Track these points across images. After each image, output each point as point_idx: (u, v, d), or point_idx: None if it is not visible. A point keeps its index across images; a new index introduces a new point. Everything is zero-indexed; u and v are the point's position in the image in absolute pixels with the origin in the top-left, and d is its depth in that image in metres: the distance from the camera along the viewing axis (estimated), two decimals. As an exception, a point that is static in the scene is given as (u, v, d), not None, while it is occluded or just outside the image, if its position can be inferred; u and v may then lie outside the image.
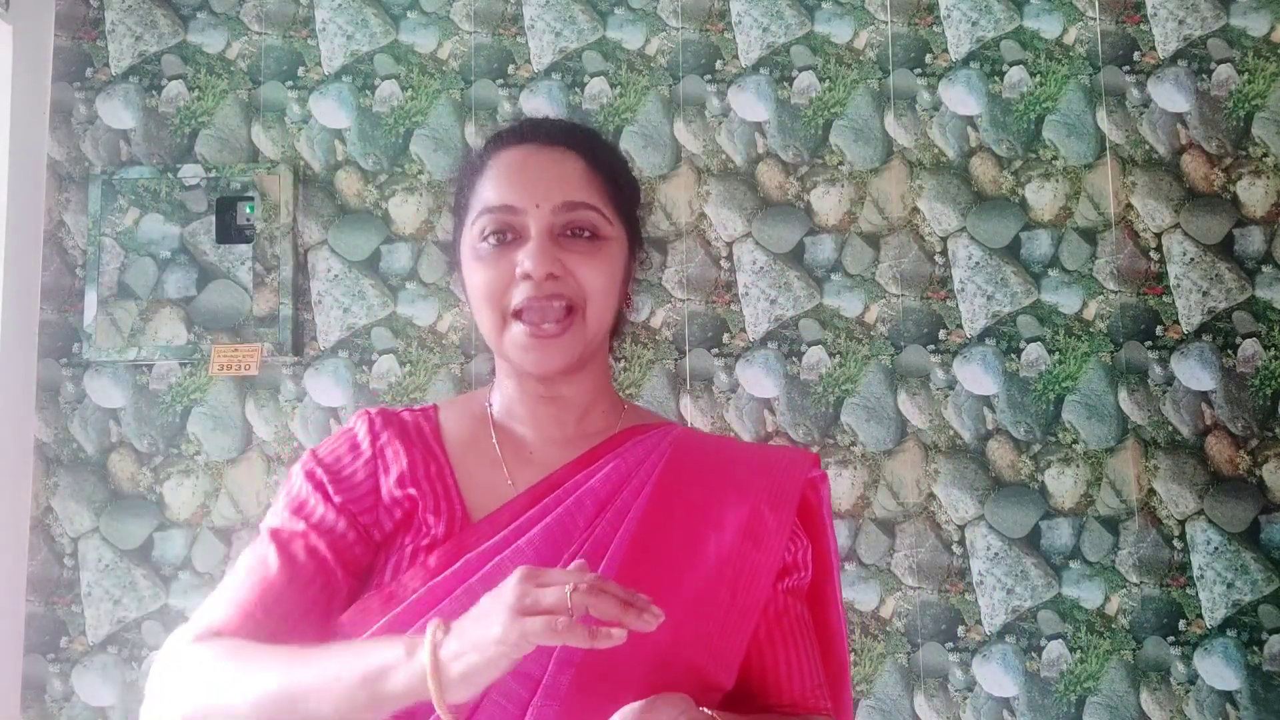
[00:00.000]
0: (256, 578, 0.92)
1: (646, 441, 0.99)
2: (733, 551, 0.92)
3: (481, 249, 0.95)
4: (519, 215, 0.93)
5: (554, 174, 0.95)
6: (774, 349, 1.89)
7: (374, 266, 1.92)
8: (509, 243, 0.94)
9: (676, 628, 0.87)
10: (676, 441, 1.00)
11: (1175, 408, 1.86)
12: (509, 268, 0.93)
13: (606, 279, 0.96)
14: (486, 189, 0.96)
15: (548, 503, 0.93)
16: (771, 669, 0.94)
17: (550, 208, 0.93)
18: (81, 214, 1.92)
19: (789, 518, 0.95)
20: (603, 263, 0.95)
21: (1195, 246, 1.89)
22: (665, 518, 0.93)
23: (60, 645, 1.83)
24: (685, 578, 0.90)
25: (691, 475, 0.97)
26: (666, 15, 1.97)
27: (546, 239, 0.93)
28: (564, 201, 0.94)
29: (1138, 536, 1.83)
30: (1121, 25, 1.95)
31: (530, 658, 0.85)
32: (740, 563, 0.91)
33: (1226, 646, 1.79)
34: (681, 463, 0.97)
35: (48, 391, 1.89)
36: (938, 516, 1.85)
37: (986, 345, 1.88)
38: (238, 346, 1.86)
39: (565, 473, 0.96)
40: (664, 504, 0.94)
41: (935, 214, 1.92)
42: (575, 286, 0.94)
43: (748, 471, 0.98)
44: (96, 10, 1.99)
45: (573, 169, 0.96)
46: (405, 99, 1.96)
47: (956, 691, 1.80)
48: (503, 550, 0.90)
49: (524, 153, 0.97)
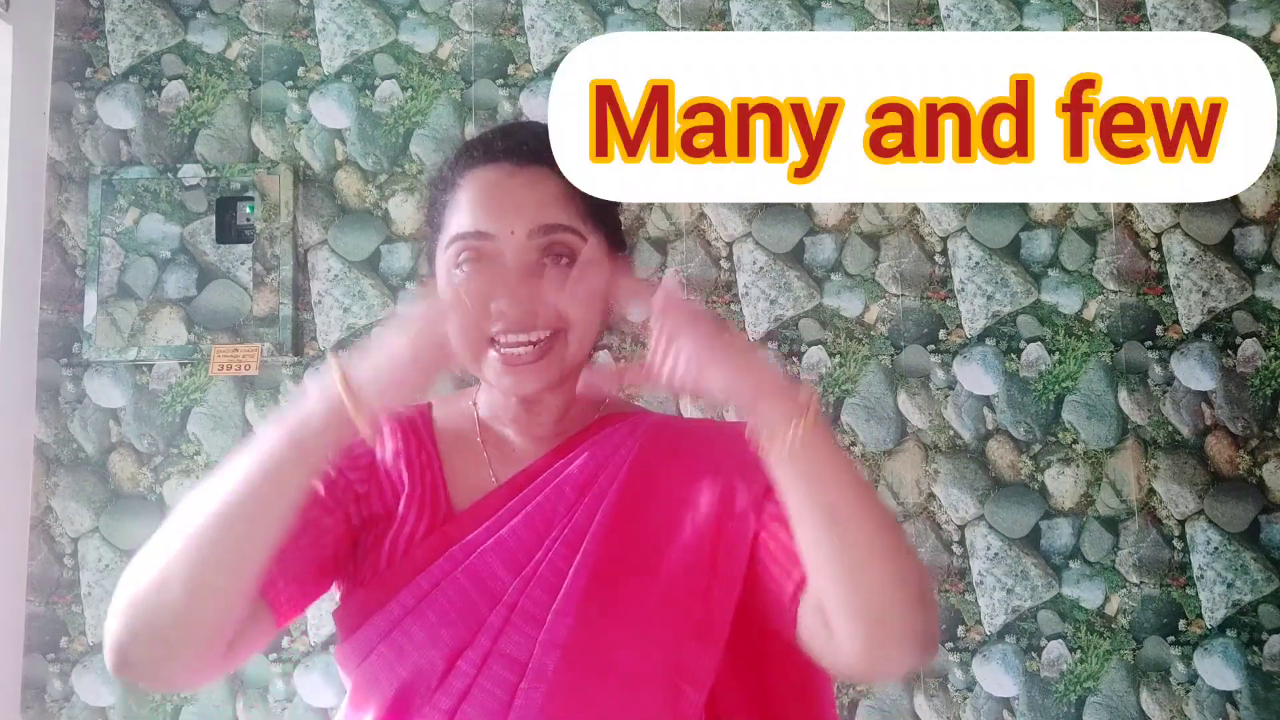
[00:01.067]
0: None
1: (622, 427, 1.00)
2: (709, 527, 0.92)
3: (456, 276, 0.93)
4: (493, 242, 0.91)
5: (529, 197, 0.92)
6: (775, 349, 1.89)
7: (374, 266, 1.92)
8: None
9: (660, 607, 0.89)
10: (651, 425, 1.01)
11: (1175, 408, 1.86)
12: (484, 297, 0.91)
13: (588, 306, 0.93)
14: (459, 212, 0.93)
15: (527, 492, 0.94)
16: (777, 559, 0.90)
17: (525, 233, 0.90)
18: (81, 214, 1.92)
19: (763, 485, 0.92)
20: (582, 289, 0.92)
21: (1195, 246, 1.89)
22: (643, 499, 0.94)
23: (60, 645, 1.83)
24: (665, 556, 0.91)
25: (666, 456, 0.97)
26: (667, 15, 1.97)
27: (522, 272, 0.90)
28: (539, 225, 0.91)
29: (1138, 536, 1.83)
30: (1122, 26, 1.95)
31: (515, 642, 0.87)
32: (718, 538, 0.92)
33: (1226, 646, 1.79)
34: (656, 444, 0.98)
35: (48, 391, 1.89)
36: (938, 516, 1.85)
37: (986, 345, 1.88)
38: (238, 346, 1.86)
39: (543, 462, 0.97)
40: (641, 485, 0.94)
41: (935, 214, 1.92)
42: (555, 316, 0.91)
43: (722, 448, 0.97)
44: (96, 10, 1.99)
45: (548, 190, 0.92)
46: (405, 99, 1.96)
47: (956, 691, 1.80)
48: (485, 541, 0.91)
49: (497, 174, 0.94)
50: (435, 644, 0.88)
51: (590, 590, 0.88)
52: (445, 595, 0.89)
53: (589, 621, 0.88)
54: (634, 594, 0.89)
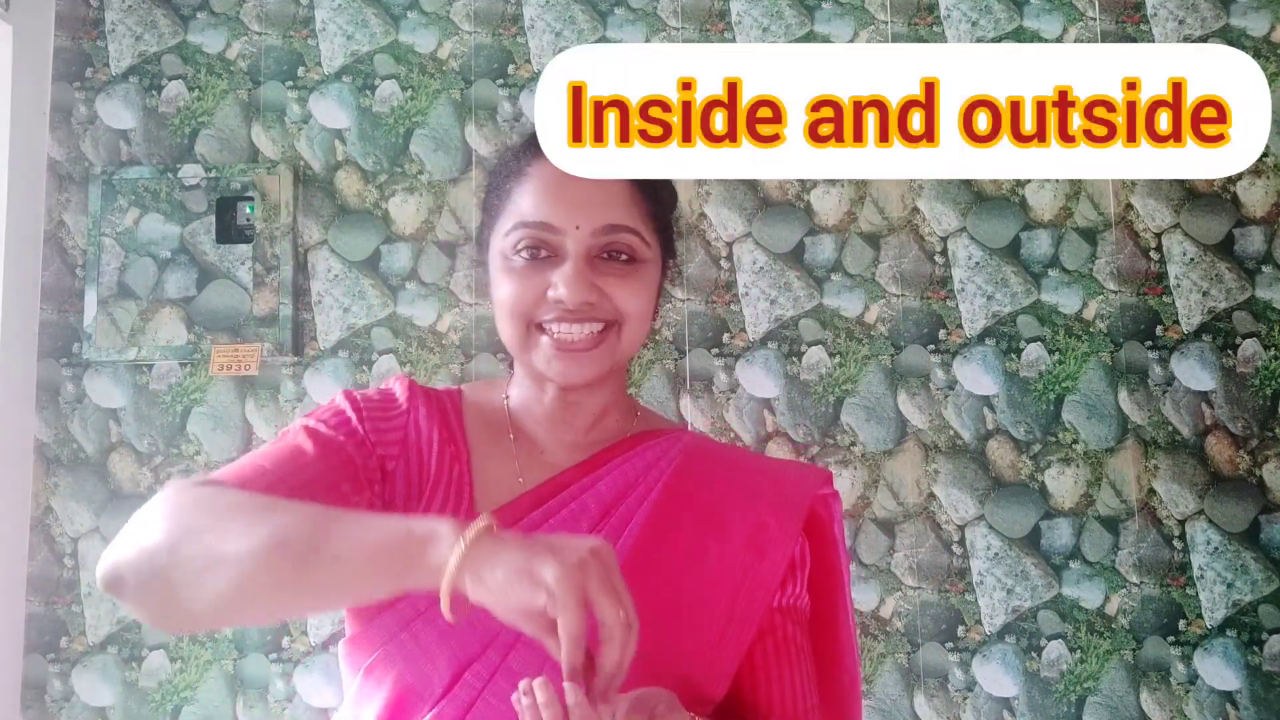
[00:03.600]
0: (281, 447, 0.90)
1: (656, 447, 0.98)
2: (735, 562, 0.91)
3: (514, 261, 0.93)
4: (557, 234, 0.91)
5: (596, 195, 0.92)
6: (774, 349, 1.89)
7: (374, 266, 1.92)
8: (543, 259, 0.92)
9: (673, 636, 0.87)
10: (687, 448, 0.99)
11: (1175, 408, 1.86)
12: (542, 285, 0.91)
13: (644, 302, 0.94)
14: (524, 200, 0.93)
15: (551, 505, 0.93)
16: (764, 688, 0.93)
17: (590, 230, 0.90)
18: (81, 214, 1.92)
19: (795, 532, 0.94)
20: (639, 285, 0.93)
21: (1195, 246, 1.89)
22: (669, 524, 0.92)
23: (60, 645, 1.83)
24: (685, 586, 0.90)
25: (699, 483, 0.96)
26: (667, 15, 1.97)
27: (583, 263, 0.90)
28: (605, 225, 0.91)
29: (1138, 536, 1.83)
30: (1121, 25, 1.95)
31: (525, 659, 0.85)
32: (741, 574, 0.91)
33: (1226, 646, 1.79)
34: (690, 470, 0.96)
35: (48, 391, 1.89)
36: (938, 516, 1.85)
37: (986, 345, 1.88)
38: (238, 346, 1.86)
39: (572, 474, 0.95)
40: (669, 510, 0.93)
41: (935, 214, 1.92)
42: (611, 309, 0.92)
43: (756, 483, 0.97)
44: (96, 10, 1.99)
45: (616, 188, 0.93)
46: (405, 99, 1.96)
47: (956, 691, 1.80)
48: None
49: None
50: (443, 651, 0.87)
51: None
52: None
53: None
54: (649, 621, 0.88)
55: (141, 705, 1.81)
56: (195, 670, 1.81)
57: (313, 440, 0.91)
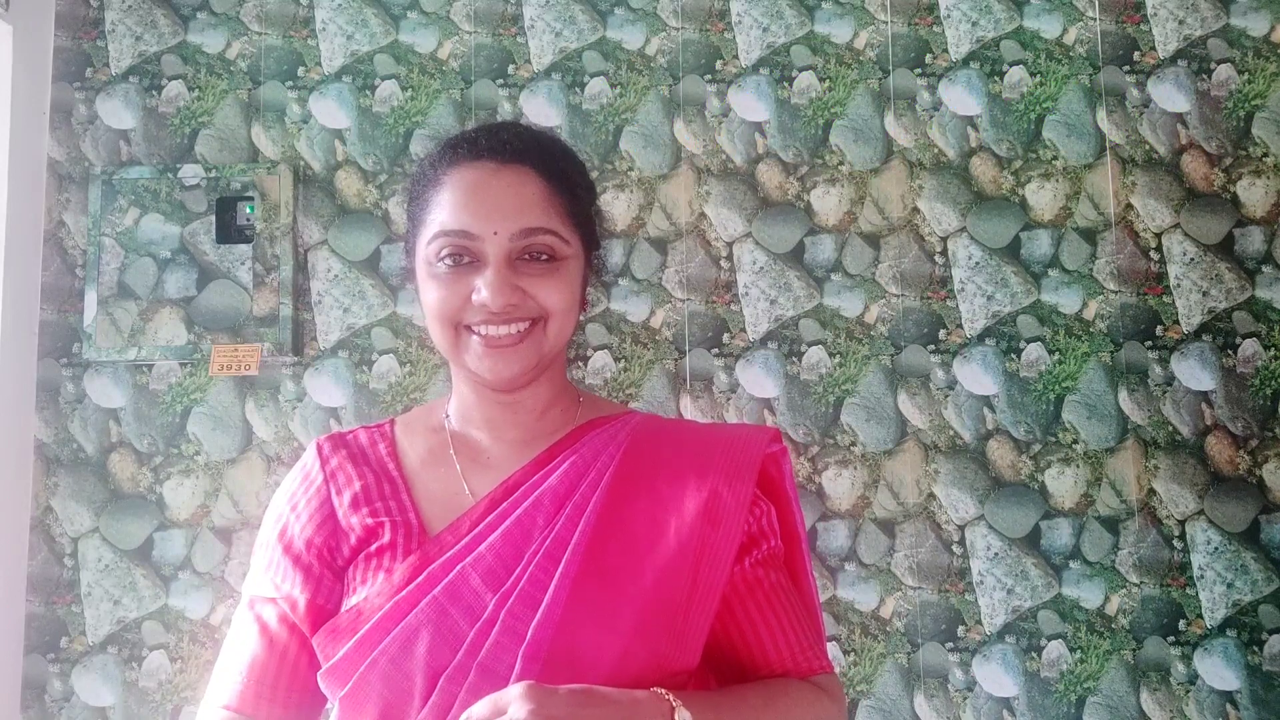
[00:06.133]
0: (244, 651, 0.96)
1: (604, 433, 1.00)
2: (692, 534, 0.92)
3: (438, 269, 0.95)
4: (476, 241, 0.93)
5: (512, 199, 0.93)
6: (774, 349, 1.89)
7: (374, 266, 1.93)
8: (466, 264, 0.94)
9: (640, 616, 0.89)
10: (634, 430, 1.01)
11: (1175, 408, 1.86)
12: (466, 290, 0.93)
13: (567, 297, 0.96)
14: (442, 209, 0.95)
15: (505, 507, 0.94)
16: (756, 643, 0.95)
17: (508, 235, 0.92)
18: (81, 214, 1.92)
19: (747, 494, 0.95)
20: (560, 282, 0.95)
21: (1195, 246, 1.89)
22: (625, 508, 0.94)
23: (60, 645, 1.83)
24: (647, 566, 0.91)
25: (650, 462, 0.97)
26: (667, 15, 1.97)
27: (504, 267, 0.93)
28: (521, 229, 0.93)
29: (1138, 536, 1.83)
30: (1121, 25, 1.95)
31: (497, 656, 0.87)
32: (701, 545, 0.92)
33: (1226, 646, 1.79)
34: (639, 451, 0.98)
35: (48, 391, 1.89)
36: (938, 516, 1.85)
37: (986, 345, 1.88)
38: (238, 346, 1.86)
39: (522, 475, 0.97)
40: (623, 494, 0.94)
41: (935, 214, 1.92)
42: (535, 306, 0.95)
43: (706, 453, 0.98)
44: (96, 10, 1.99)
45: (531, 192, 0.94)
46: (405, 99, 1.96)
47: (956, 691, 1.80)
48: (464, 558, 0.91)
49: (482, 173, 0.95)
50: (416, 665, 0.88)
51: (572, 602, 0.88)
52: (425, 616, 0.89)
53: (570, 632, 0.88)
54: (615, 602, 0.89)
55: (141, 705, 1.81)
56: (195, 670, 1.81)
57: (257, 627, 0.97)
